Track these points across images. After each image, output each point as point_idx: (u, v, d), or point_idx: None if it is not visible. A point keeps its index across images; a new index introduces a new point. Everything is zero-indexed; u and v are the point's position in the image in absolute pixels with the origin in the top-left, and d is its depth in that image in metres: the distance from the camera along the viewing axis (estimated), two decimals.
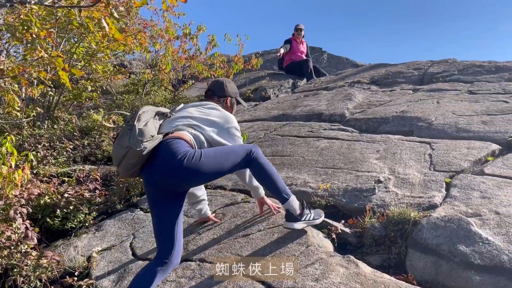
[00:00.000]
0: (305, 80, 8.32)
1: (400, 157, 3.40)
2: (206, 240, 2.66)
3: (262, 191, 2.66)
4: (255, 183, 2.56)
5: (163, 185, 2.14)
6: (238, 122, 5.70)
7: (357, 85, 6.49)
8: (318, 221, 2.50)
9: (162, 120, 2.33)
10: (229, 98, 2.69)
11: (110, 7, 2.24)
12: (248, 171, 2.49)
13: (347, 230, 2.59)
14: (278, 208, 2.75)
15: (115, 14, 2.21)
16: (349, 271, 2.13)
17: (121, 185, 3.72)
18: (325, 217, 2.73)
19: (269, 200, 2.75)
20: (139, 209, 3.46)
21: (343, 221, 2.71)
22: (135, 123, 2.05)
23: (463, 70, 6.04)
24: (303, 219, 2.41)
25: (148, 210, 3.39)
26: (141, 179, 2.48)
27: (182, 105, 2.53)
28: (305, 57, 8.62)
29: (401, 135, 3.97)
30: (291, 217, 2.40)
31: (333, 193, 2.99)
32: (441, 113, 4.27)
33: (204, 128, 2.33)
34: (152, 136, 2.08)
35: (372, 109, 4.97)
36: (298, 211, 2.40)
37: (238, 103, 2.83)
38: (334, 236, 2.51)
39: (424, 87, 5.68)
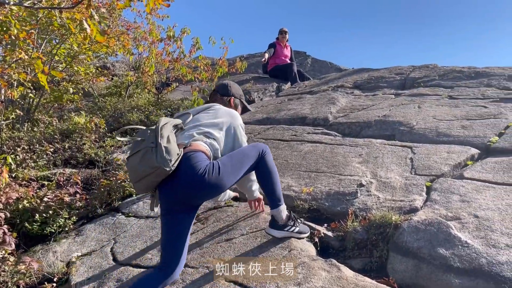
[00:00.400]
0: (289, 84, 8.36)
1: (382, 161, 3.44)
2: (188, 245, 2.64)
3: (258, 193, 2.72)
4: (254, 186, 2.63)
5: (182, 199, 2.15)
6: None
7: (340, 89, 6.55)
8: (301, 236, 2.51)
9: (175, 130, 2.30)
10: (233, 98, 2.73)
11: (91, 9, 2.21)
12: (250, 176, 2.55)
13: (330, 233, 2.60)
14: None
15: (96, 16, 2.17)
16: (331, 275, 2.14)
17: (102, 189, 3.67)
18: (308, 220, 2.76)
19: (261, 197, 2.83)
20: (120, 214, 3.42)
21: (325, 224, 2.72)
22: (159, 140, 2.03)
23: (443, 76, 6.15)
24: (285, 229, 2.45)
25: (130, 214, 3.36)
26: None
27: (191, 115, 2.49)
28: (289, 61, 8.66)
29: (383, 139, 4.01)
30: (274, 224, 2.44)
31: (316, 196, 3.00)
32: (422, 118, 4.33)
33: (215, 134, 2.36)
34: (178, 154, 2.08)
35: (355, 113, 5.02)
36: (283, 221, 2.43)
37: (244, 106, 2.84)
38: (316, 239, 2.52)
39: (406, 92, 5.76)
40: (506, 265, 1.95)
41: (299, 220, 2.56)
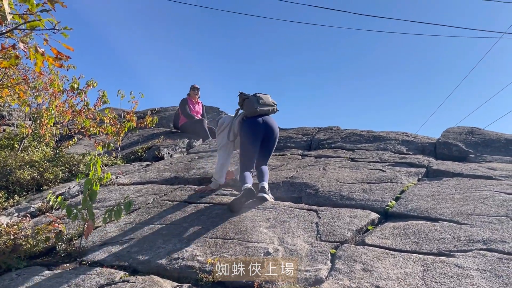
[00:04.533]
0: (201, 140, 8.29)
1: (289, 226, 3.41)
2: None
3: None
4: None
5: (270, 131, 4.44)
6: (126, 184, 5.34)
7: None
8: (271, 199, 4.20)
9: None
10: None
11: None
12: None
13: None
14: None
15: None
16: None
17: None
18: None
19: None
20: None
21: None
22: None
23: (345, 138, 6.54)
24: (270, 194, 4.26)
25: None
26: None
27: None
28: (200, 117, 8.65)
29: (291, 202, 4.04)
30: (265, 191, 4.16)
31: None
32: (326, 180, 4.47)
33: None
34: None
35: None
36: (267, 189, 4.19)
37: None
38: None
39: (312, 153, 6.00)
40: None
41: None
